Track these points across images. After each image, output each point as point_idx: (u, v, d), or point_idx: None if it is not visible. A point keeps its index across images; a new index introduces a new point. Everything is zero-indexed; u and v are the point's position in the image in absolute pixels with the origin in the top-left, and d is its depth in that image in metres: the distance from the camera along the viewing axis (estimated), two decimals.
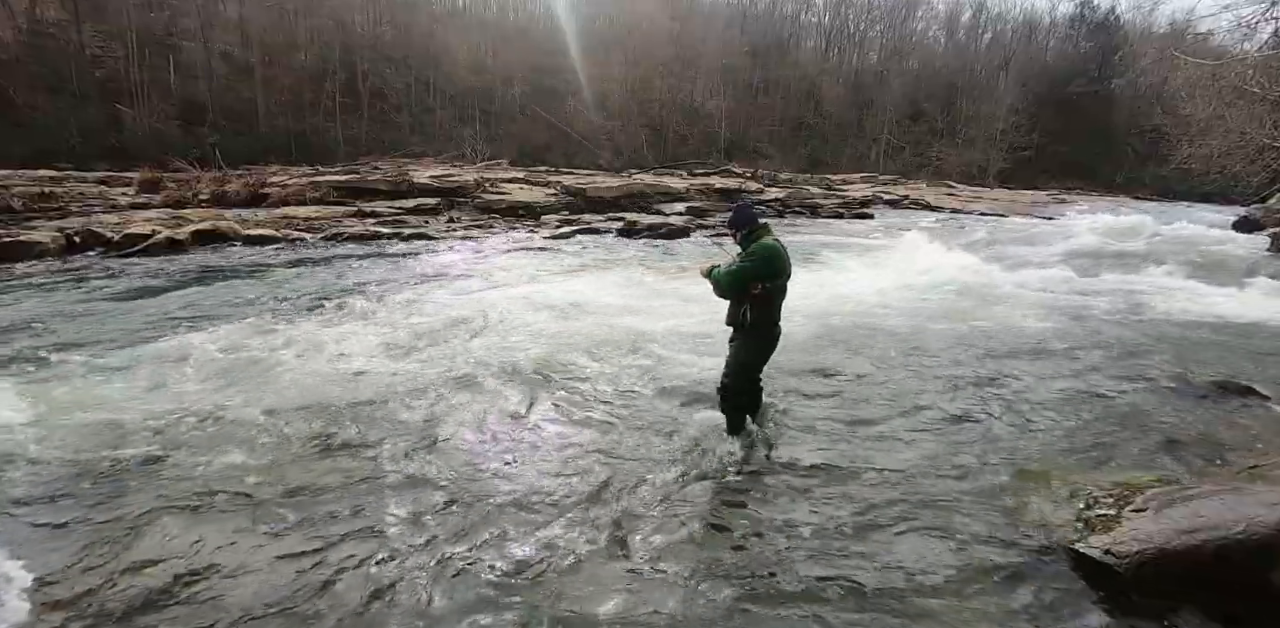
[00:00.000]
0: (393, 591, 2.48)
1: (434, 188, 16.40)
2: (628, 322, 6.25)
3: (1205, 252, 11.75)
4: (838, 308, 7.04)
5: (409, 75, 34.32)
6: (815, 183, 28.71)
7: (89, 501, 3.06)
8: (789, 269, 3.54)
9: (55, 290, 7.10)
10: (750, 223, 3.59)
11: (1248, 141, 15.55)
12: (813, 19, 52.69)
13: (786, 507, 3.14)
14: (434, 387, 4.45)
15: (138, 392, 4.30)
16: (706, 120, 42.10)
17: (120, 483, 3.21)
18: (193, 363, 4.84)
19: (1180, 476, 3.50)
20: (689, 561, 2.72)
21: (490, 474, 3.38)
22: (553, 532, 2.88)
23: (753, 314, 3.52)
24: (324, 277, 8.39)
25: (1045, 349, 5.92)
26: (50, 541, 2.77)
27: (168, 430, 3.75)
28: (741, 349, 3.64)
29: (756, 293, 3.46)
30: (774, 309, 3.57)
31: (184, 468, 3.35)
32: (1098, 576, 2.61)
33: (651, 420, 4.06)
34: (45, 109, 23.66)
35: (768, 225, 3.63)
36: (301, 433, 3.76)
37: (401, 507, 3.05)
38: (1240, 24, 13.80)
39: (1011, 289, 8.51)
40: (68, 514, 2.95)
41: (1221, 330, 6.83)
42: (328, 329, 5.77)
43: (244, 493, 3.14)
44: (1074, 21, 51.99)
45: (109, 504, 3.03)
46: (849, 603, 2.48)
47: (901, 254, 11.44)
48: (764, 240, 3.48)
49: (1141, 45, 44.57)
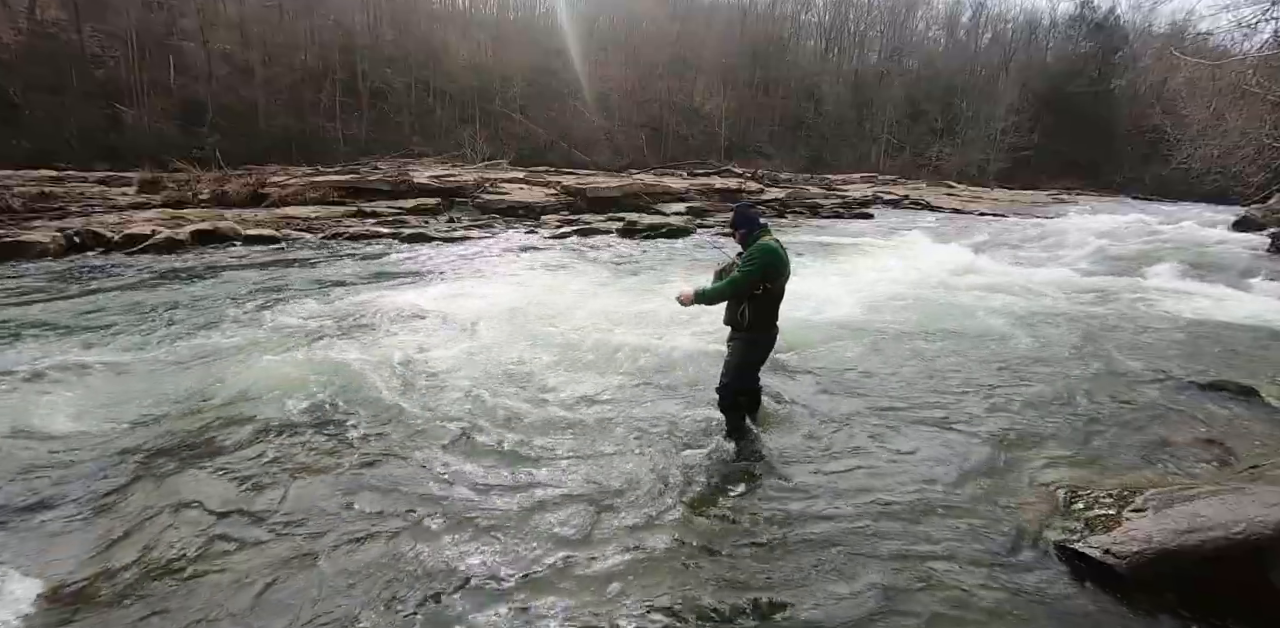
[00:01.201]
0: (393, 591, 2.48)
1: (434, 188, 16.41)
2: (625, 322, 6.26)
3: (1205, 252, 11.78)
4: (837, 307, 7.04)
5: (409, 75, 34.28)
6: (815, 183, 28.72)
7: (88, 500, 3.06)
8: (788, 270, 3.54)
9: (55, 291, 7.09)
10: (751, 224, 3.59)
11: (1248, 141, 15.55)
12: (813, 19, 52.73)
13: (785, 507, 3.14)
14: (428, 391, 4.43)
15: (136, 391, 4.30)
16: (706, 120, 42.07)
17: (121, 481, 3.21)
18: (192, 362, 4.84)
19: (1180, 476, 3.51)
20: (686, 562, 2.72)
21: (482, 477, 3.36)
22: (547, 532, 2.88)
23: (751, 315, 3.51)
24: (323, 278, 8.38)
25: (1045, 349, 5.92)
26: (50, 541, 2.78)
27: (167, 430, 3.76)
28: (739, 350, 3.63)
29: (757, 293, 3.46)
30: (773, 310, 3.57)
31: (186, 467, 3.36)
32: (1098, 576, 2.61)
33: (648, 423, 4.05)
34: (45, 109, 23.61)
35: (768, 226, 3.63)
36: (302, 434, 3.76)
37: (402, 508, 3.05)
38: (1240, 24, 13.82)
39: (1011, 289, 8.51)
40: (65, 515, 2.95)
41: (1221, 330, 6.83)
42: (322, 332, 5.77)
43: (241, 493, 3.15)
44: (1074, 21, 52.00)
45: (107, 504, 3.04)
46: (848, 603, 2.48)
47: (901, 254, 11.45)
48: (763, 241, 3.47)
49: (1141, 45, 44.72)
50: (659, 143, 38.62)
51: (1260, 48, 14.93)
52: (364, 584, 2.52)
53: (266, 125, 28.48)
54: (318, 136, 29.34)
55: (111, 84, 26.04)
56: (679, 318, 6.00)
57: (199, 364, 4.83)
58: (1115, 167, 45.59)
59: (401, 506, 3.06)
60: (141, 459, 3.43)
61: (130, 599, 2.42)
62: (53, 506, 3.02)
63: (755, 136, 43.27)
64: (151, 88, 26.72)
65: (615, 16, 42.49)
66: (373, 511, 3.02)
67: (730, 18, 48.01)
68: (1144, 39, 46.87)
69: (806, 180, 29.78)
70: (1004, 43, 53.36)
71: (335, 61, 32.18)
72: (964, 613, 2.44)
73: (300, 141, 27.59)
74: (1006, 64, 49.69)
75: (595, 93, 37.21)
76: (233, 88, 29.21)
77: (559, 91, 37.55)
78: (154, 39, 27.99)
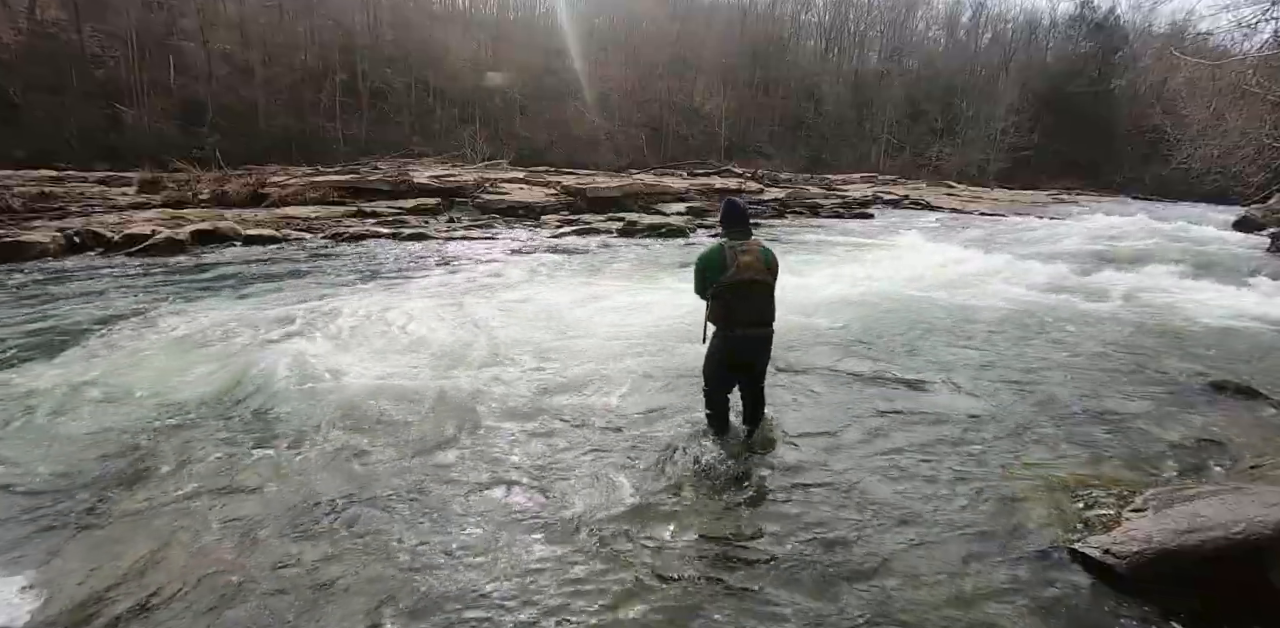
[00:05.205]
0: (394, 592, 2.48)
1: (434, 188, 16.43)
2: (621, 322, 6.25)
3: (1205, 252, 11.77)
4: (836, 307, 7.02)
5: (409, 75, 34.29)
6: (815, 183, 28.72)
7: (87, 500, 3.07)
8: (733, 269, 3.41)
9: (54, 291, 7.09)
10: (724, 223, 3.62)
11: (1248, 141, 15.57)
12: (813, 19, 52.79)
13: (782, 508, 3.13)
14: (420, 395, 4.39)
15: (137, 393, 4.30)
16: (706, 120, 42.10)
17: (117, 482, 3.22)
18: (189, 363, 4.84)
19: (1180, 476, 3.51)
20: (678, 564, 2.70)
21: (475, 480, 3.34)
22: (540, 533, 2.87)
23: (711, 314, 3.57)
24: (324, 278, 8.38)
25: (1044, 349, 5.91)
26: (48, 542, 2.78)
27: (165, 431, 3.76)
28: (707, 350, 3.66)
29: (713, 292, 3.50)
30: (735, 310, 3.49)
31: (181, 467, 3.36)
32: (1098, 576, 2.61)
33: (637, 426, 4.01)
34: (45, 109, 23.63)
35: (745, 230, 3.57)
36: (297, 434, 3.76)
37: (401, 508, 3.05)
38: (1240, 24, 13.83)
39: (1010, 289, 8.51)
40: (62, 516, 2.96)
41: (1221, 330, 6.83)
42: (316, 334, 5.76)
43: (243, 491, 3.15)
44: (1074, 21, 52.08)
45: (107, 502, 3.04)
46: (847, 603, 2.47)
47: (901, 253, 11.45)
48: (709, 246, 3.56)
49: (1141, 45, 44.75)
50: (659, 143, 38.64)
51: (1260, 48, 14.95)
52: (366, 584, 2.52)
53: (266, 125, 28.48)
54: (318, 136, 29.35)
55: (111, 84, 26.05)
56: (679, 318, 5.99)
57: (195, 364, 4.82)
58: (1115, 167, 45.63)
59: (402, 507, 3.06)
60: (139, 458, 3.44)
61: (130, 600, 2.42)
62: (50, 505, 3.02)
63: (755, 136, 43.29)
64: (151, 88, 26.73)
65: (615, 16, 42.53)
66: (381, 513, 3.01)
67: (730, 18, 48.05)
68: (1144, 39, 46.95)
69: (806, 180, 29.78)
70: (1004, 43, 53.41)
71: (335, 61, 32.21)
72: (963, 613, 2.44)
73: (300, 141, 27.60)
74: (1006, 64, 49.73)
75: (595, 93, 37.23)
76: (233, 88, 29.22)
77: (559, 91, 37.57)
78: (154, 39, 28.00)
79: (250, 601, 2.42)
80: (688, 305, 6.12)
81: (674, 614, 2.40)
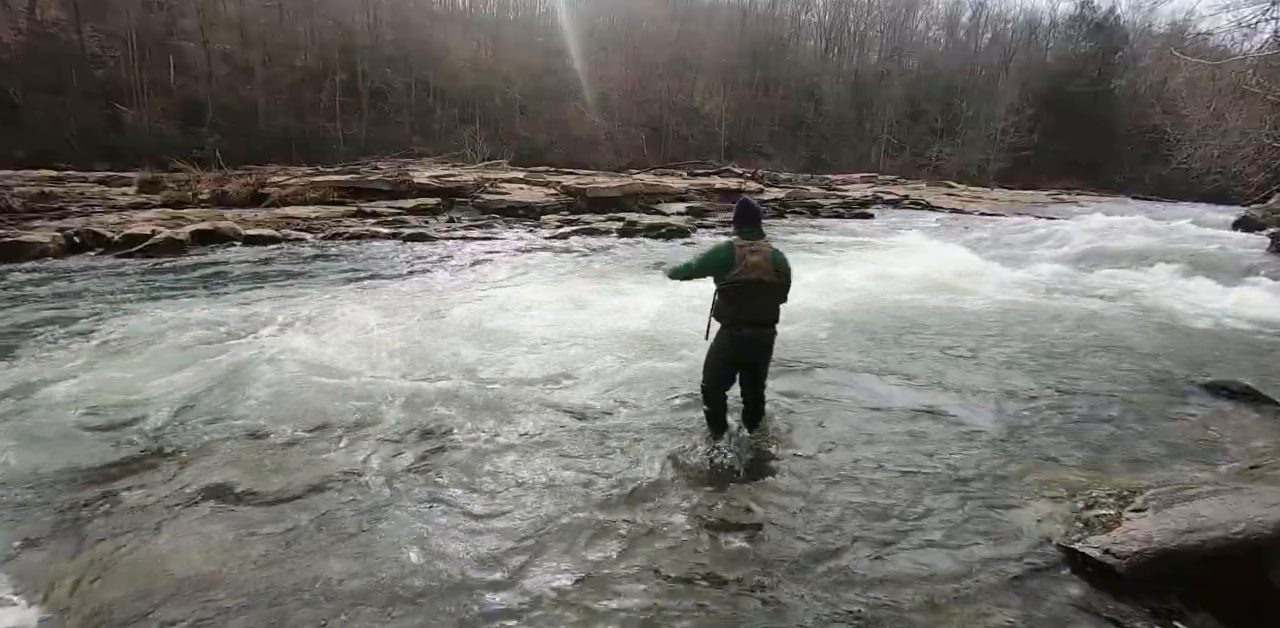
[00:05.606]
0: (394, 593, 2.48)
1: (434, 188, 16.41)
2: (619, 323, 6.25)
3: (1204, 251, 11.75)
4: (836, 307, 7.03)
5: (409, 75, 34.28)
6: (815, 183, 28.72)
7: (86, 499, 3.07)
8: (739, 268, 3.40)
9: (54, 291, 7.09)
10: (736, 222, 3.63)
11: (1248, 141, 15.58)
12: (813, 19, 52.78)
13: (781, 509, 3.13)
14: (418, 397, 4.37)
15: (126, 391, 4.30)
16: (706, 120, 42.09)
17: (101, 479, 3.22)
18: (182, 362, 4.84)
19: (1180, 476, 3.50)
20: (676, 564, 2.70)
21: (472, 480, 3.34)
22: (537, 533, 2.87)
23: (714, 310, 3.57)
24: (324, 278, 8.38)
25: (1043, 348, 5.91)
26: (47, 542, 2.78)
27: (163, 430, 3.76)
28: (711, 347, 3.65)
29: (719, 289, 3.50)
30: (738, 308, 3.48)
31: (178, 467, 3.36)
32: (1098, 576, 2.61)
33: (631, 425, 3.99)
34: (45, 109, 23.62)
35: (755, 230, 3.57)
36: (298, 433, 3.76)
37: (402, 508, 3.05)
38: (1240, 24, 13.84)
39: (1011, 289, 8.51)
40: (61, 515, 2.96)
41: (1221, 330, 6.83)
42: (313, 334, 5.76)
43: (240, 492, 3.15)
44: (1074, 21, 52.08)
45: (91, 501, 3.04)
46: (846, 603, 2.47)
47: (901, 253, 11.45)
48: (719, 242, 3.59)
49: (1141, 45, 44.77)
50: (659, 143, 38.63)
51: (1260, 48, 14.96)
52: (366, 585, 2.52)
53: (266, 125, 28.47)
54: (318, 136, 29.34)
55: (111, 84, 26.04)
56: (678, 317, 6.00)
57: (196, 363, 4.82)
58: (1115, 167, 45.64)
59: (403, 507, 3.06)
60: (136, 457, 3.44)
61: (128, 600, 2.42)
62: (50, 504, 3.02)
63: (755, 136, 43.28)
64: (151, 88, 26.72)
65: (615, 16, 42.49)
66: (380, 515, 3.01)
67: (730, 18, 48.03)
68: (1144, 39, 46.96)
69: (806, 180, 29.78)
70: (1004, 43, 53.41)
71: (335, 61, 32.19)
72: (962, 613, 2.44)
73: (300, 141, 27.58)
74: (1006, 64, 49.73)
75: (595, 93, 37.21)
76: (233, 88, 29.21)
77: (559, 91, 37.56)
78: (154, 39, 27.99)
79: (226, 600, 2.42)
80: (688, 306, 6.15)
81: (666, 614, 2.40)
